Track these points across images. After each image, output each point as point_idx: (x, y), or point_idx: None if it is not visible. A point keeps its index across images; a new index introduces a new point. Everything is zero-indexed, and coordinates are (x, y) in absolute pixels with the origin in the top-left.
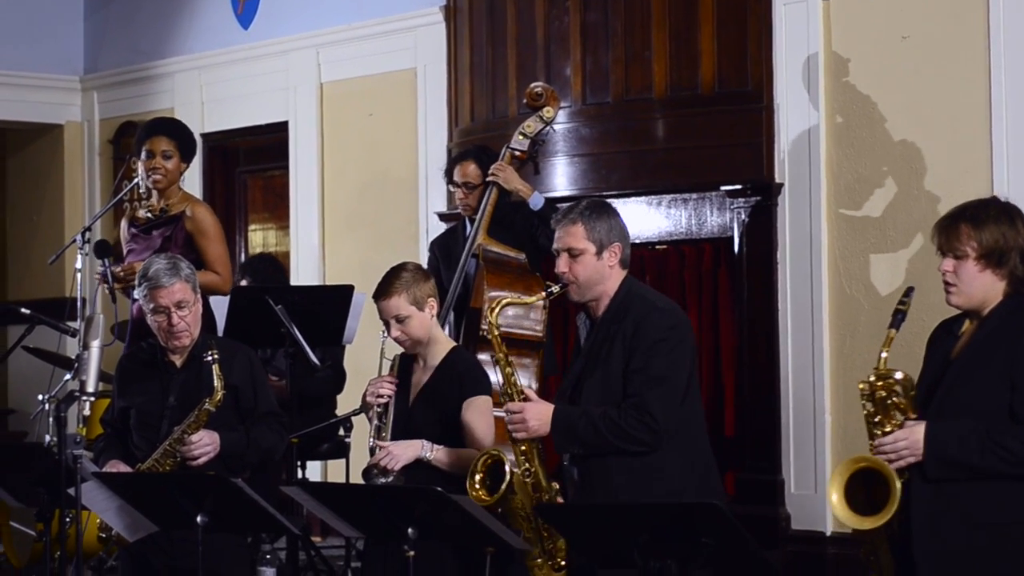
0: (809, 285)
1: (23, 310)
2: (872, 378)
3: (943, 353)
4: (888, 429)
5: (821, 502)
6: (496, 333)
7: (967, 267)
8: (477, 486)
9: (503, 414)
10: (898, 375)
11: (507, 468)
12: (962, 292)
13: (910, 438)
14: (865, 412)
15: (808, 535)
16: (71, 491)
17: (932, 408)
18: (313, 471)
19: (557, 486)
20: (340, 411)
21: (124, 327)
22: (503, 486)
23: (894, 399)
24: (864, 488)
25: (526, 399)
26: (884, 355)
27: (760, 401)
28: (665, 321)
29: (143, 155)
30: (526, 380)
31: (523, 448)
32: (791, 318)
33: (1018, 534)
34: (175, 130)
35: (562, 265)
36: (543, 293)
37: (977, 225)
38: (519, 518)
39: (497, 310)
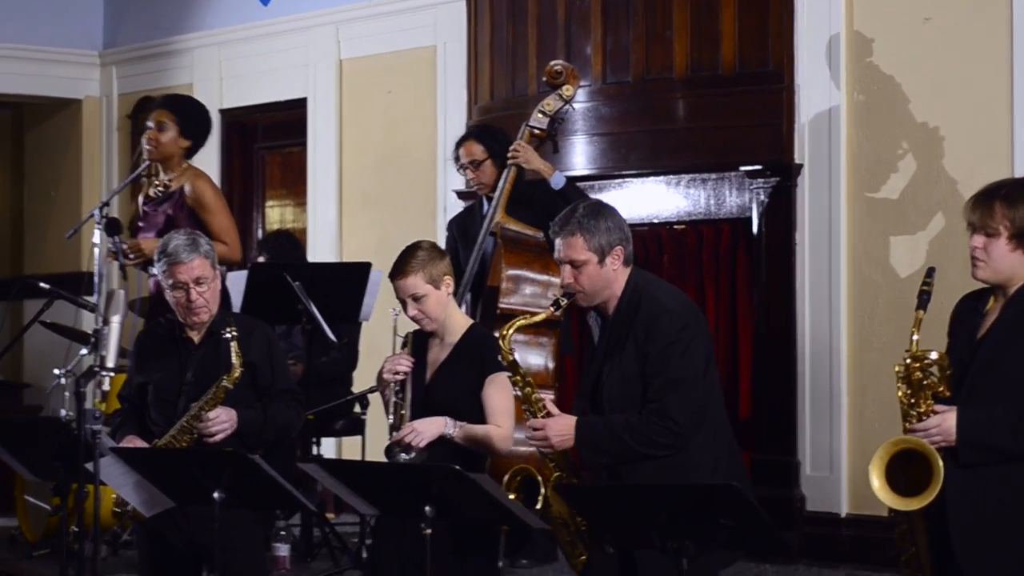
0: (828, 266)
1: (42, 284)
2: (908, 360)
3: (969, 331)
4: (923, 410)
5: (836, 483)
6: (511, 358)
7: (998, 245)
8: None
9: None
10: (933, 355)
11: (540, 483)
12: (990, 267)
13: (942, 424)
14: (900, 394)
15: (823, 516)
16: (89, 466)
17: (964, 391)
18: (327, 448)
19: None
20: (356, 388)
21: (134, 304)
22: (539, 503)
23: (931, 380)
24: (903, 469)
25: (548, 414)
26: (916, 337)
27: (776, 382)
28: (675, 323)
29: (148, 126)
30: (543, 360)
31: (550, 456)
32: (809, 299)
33: None
34: (176, 104)
35: (567, 276)
36: (551, 308)
37: (1012, 204)
38: (558, 527)
39: (509, 334)
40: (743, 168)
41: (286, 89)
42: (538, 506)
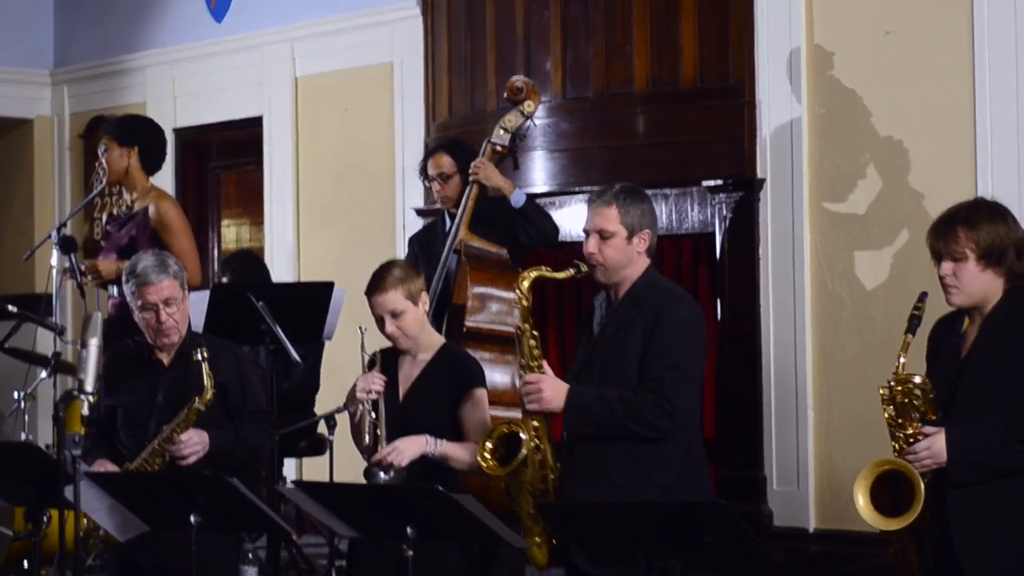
0: (791, 281)
1: (10, 307)
2: (892, 383)
3: (951, 352)
4: (909, 432)
5: (804, 498)
6: (525, 304)
7: (967, 268)
8: (488, 456)
9: (497, 412)
10: (916, 379)
11: (523, 441)
12: (963, 292)
13: (931, 447)
14: (886, 416)
15: (791, 531)
16: (69, 491)
17: (953, 412)
18: (289, 469)
19: (559, 466)
20: (318, 408)
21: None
22: (518, 458)
23: (916, 402)
24: (888, 489)
25: (542, 372)
26: (902, 360)
27: (741, 397)
28: (689, 313)
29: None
30: (508, 377)
31: (535, 424)
32: (773, 314)
33: None
34: (112, 124)
35: (591, 246)
36: (571, 270)
37: (972, 226)
38: (525, 492)
39: (528, 281)
40: (705, 183)
41: (241, 107)
42: (518, 458)
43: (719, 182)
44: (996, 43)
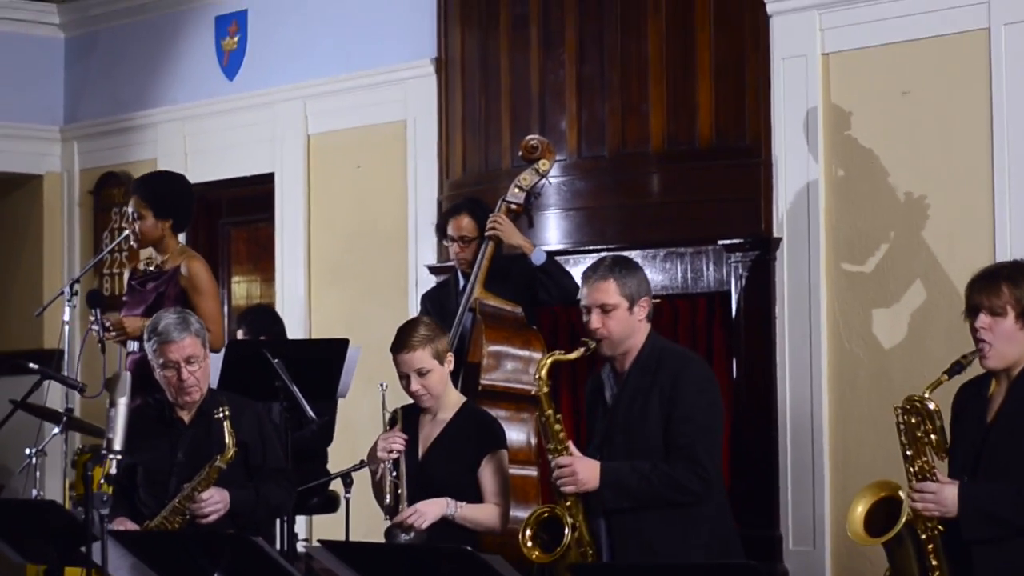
0: (808, 340)
1: (31, 364)
2: (906, 404)
3: (977, 417)
4: (916, 469)
5: (820, 557)
6: (545, 390)
7: (1005, 325)
8: (529, 543)
9: (515, 471)
10: (931, 405)
11: (567, 526)
12: (997, 351)
13: (940, 493)
14: (901, 441)
15: None
16: (96, 550)
17: (979, 475)
18: (299, 526)
19: (593, 540)
20: (332, 465)
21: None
22: (564, 543)
23: (926, 428)
24: (886, 515)
25: (571, 453)
26: (927, 394)
27: (758, 455)
28: (704, 373)
29: (129, 213)
30: (524, 435)
31: (568, 503)
32: (789, 372)
33: None
34: (147, 190)
35: (595, 321)
36: (582, 349)
37: (1016, 283)
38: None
39: (545, 368)
40: (721, 242)
41: (252, 164)
42: (561, 546)
43: (735, 241)
44: (1014, 103)
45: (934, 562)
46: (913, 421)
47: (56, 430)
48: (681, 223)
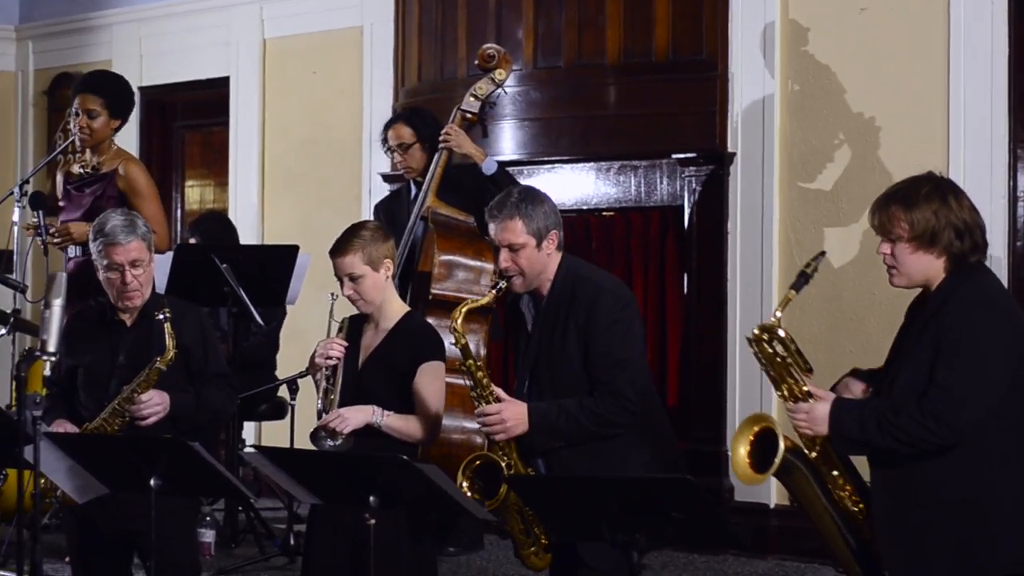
0: (759, 256)
1: None
2: (756, 330)
3: (901, 335)
4: (786, 392)
5: None
6: (464, 341)
7: (902, 249)
8: (467, 492)
9: (458, 380)
10: (780, 332)
11: (502, 471)
12: (902, 273)
13: (811, 412)
14: (762, 369)
15: (752, 507)
16: (29, 452)
17: (883, 391)
18: (248, 432)
19: (532, 471)
20: (280, 372)
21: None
22: (503, 491)
23: (781, 352)
24: (771, 447)
25: (497, 399)
26: (779, 314)
27: (706, 372)
28: (616, 303)
29: (74, 111)
30: (474, 345)
31: (500, 446)
32: (740, 289)
33: (965, 510)
34: (104, 87)
35: (504, 260)
36: (494, 292)
37: (908, 206)
38: (512, 512)
39: (460, 317)
40: (675, 156)
41: (208, 68)
42: (500, 492)
43: (690, 155)
44: (971, 21)
45: (834, 472)
46: (769, 350)
47: (3, 331)
48: (636, 136)
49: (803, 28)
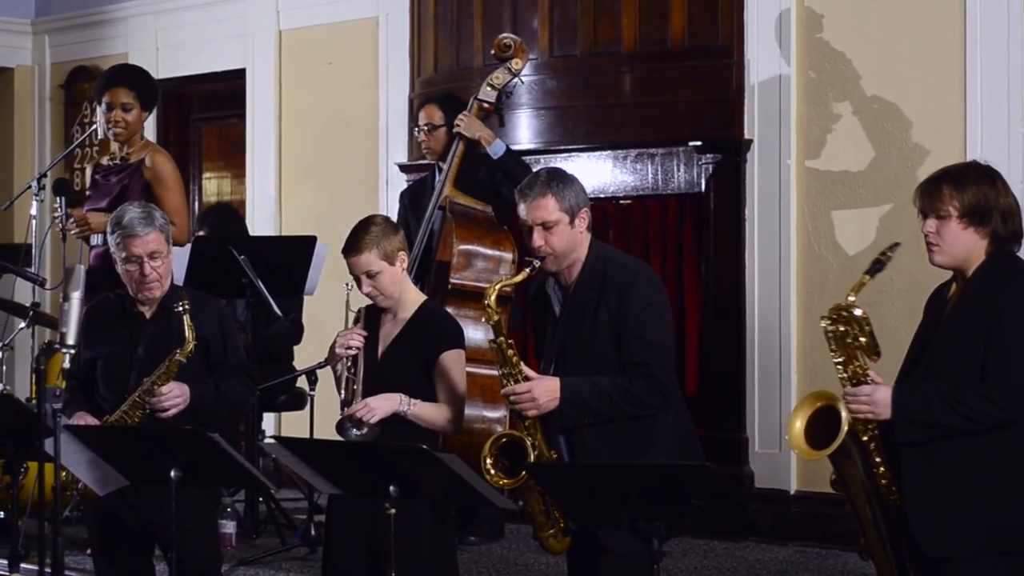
0: (777, 242)
1: None
2: (833, 314)
3: (934, 316)
4: (849, 374)
5: (785, 460)
6: (496, 317)
7: (950, 226)
8: (492, 470)
9: (478, 370)
10: (857, 312)
11: (527, 449)
12: (944, 251)
13: (874, 396)
14: (831, 349)
15: (772, 493)
16: (49, 445)
17: (919, 371)
18: (268, 423)
19: (555, 455)
20: (298, 363)
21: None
22: (524, 473)
23: (854, 333)
24: (826, 426)
25: (527, 378)
26: (852, 298)
27: (725, 359)
28: (650, 286)
29: (103, 106)
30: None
31: (527, 423)
32: (758, 275)
33: (991, 484)
34: (136, 81)
35: (538, 239)
36: (527, 271)
37: (959, 186)
38: (533, 492)
39: (494, 295)
40: (691, 143)
41: (224, 60)
42: (522, 473)
43: (706, 142)
44: (987, 6)
45: (877, 459)
46: (841, 329)
47: (23, 324)
48: (652, 124)
49: (818, 14)
